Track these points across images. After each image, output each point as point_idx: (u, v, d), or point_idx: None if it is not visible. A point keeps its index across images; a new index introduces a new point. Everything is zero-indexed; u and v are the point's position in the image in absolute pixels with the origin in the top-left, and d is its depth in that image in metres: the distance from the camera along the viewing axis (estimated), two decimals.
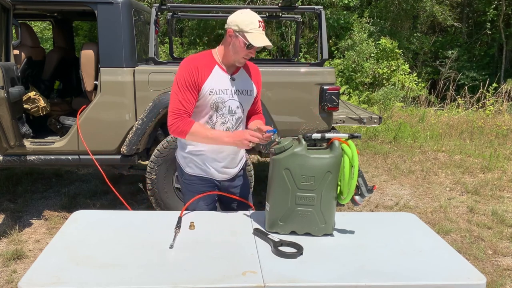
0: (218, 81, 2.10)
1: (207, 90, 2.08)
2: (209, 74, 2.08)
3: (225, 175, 2.28)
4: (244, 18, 2.02)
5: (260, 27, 2.02)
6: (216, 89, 2.09)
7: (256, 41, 2.00)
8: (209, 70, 2.09)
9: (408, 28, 13.43)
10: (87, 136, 3.69)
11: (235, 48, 2.05)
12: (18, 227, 3.79)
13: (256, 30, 2.01)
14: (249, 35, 2.00)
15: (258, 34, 2.01)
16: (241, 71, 2.20)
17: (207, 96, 2.08)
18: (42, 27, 12.91)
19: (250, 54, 2.08)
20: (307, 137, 1.85)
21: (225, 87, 2.12)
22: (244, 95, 2.18)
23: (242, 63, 2.13)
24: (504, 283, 3.11)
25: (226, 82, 2.13)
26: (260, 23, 2.03)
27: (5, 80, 3.33)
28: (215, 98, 2.09)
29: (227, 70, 2.15)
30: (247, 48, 2.03)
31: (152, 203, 3.83)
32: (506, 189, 5.11)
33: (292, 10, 4.09)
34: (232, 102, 2.14)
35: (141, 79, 3.66)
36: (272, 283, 1.45)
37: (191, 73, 2.04)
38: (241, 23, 2.01)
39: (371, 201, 4.65)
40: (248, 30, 2.00)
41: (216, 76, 2.10)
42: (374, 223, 2.06)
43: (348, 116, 4.08)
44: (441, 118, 8.88)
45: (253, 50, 2.06)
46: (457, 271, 1.58)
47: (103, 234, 1.81)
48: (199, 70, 2.06)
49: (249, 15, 2.05)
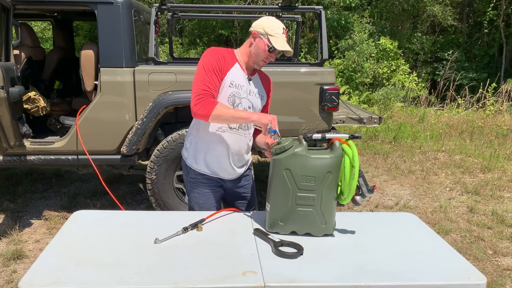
0: (237, 76, 2.16)
1: (228, 81, 2.13)
2: (231, 66, 2.15)
3: (231, 174, 2.29)
4: (271, 23, 2.11)
5: (283, 33, 2.11)
6: (236, 83, 2.15)
7: (278, 45, 2.08)
8: (231, 64, 2.16)
9: (408, 28, 13.43)
10: (87, 136, 3.69)
11: (257, 49, 2.12)
12: (18, 227, 3.79)
13: (280, 36, 2.10)
14: (273, 39, 2.08)
15: (281, 40, 2.10)
16: (256, 76, 2.27)
17: (227, 87, 2.13)
18: (42, 27, 12.91)
19: (270, 58, 2.14)
20: (307, 137, 1.85)
21: (243, 84, 2.18)
22: (257, 98, 2.24)
23: (260, 66, 2.19)
24: (504, 283, 3.11)
25: (244, 80, 2.19)
26: (285, 30, 2.13)
27: (5, 80, 3.33)
28: (234, 91, 2.14)
29: (246, 70, 2.21)
30: (269, 51, 2.10)
31: (152, 203, 3.83)
32: (506, 189, 5.11)
33: (292, 10, 4.09)
34: (246, 100, 2.19)
35: (141, 79, 3.66)
36: (272, 283, 1.45)
37: (218, 59, 2.10)
38: (267, 27, 2.10)
39: (371, 201, 4.65)
40: (273, 34, 2.09)
41: (236, 71, 2.16)
42: (374, 223, 2.06)
43: (348, 116, 4.08)
44: (441, 118, 8.88)
45: (273, 55, 2.13)
46: (457, 271, 1.58)
47: (103, 234, 1.81)
48: (224, 59, 2.12)
49: (275, 21, 2.14)
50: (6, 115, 3.39)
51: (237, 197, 2.39)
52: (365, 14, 12.00)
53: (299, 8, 4.11)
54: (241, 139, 2.23)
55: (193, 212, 2.15)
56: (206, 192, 2.26)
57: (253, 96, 2.21)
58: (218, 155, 2.22)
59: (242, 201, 2.40)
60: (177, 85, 3.61)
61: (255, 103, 2.22)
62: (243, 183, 2.38)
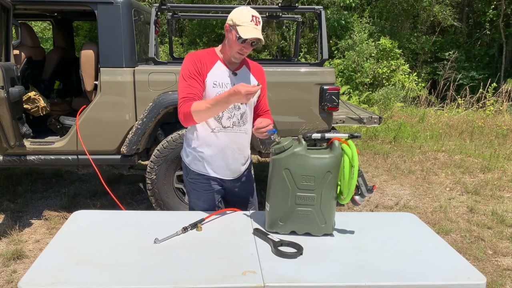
0: (220, 75, 2.13)
1: (210, 82, 2.10)
2: (211, 67, 2.12)
3: (231, 173, 2.28)
4: (239, 13, 2.05)
5: (252, 21, 2.03)
6: (219, 82, 2.12)
7: (245, 34, 2.00)
8: (211, 64, 2.13)
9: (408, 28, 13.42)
10: (87, 136, 3.69)
11: (229, 42, 2.08)
12: (18, 227, 3.79)
13: (248, 24, 2.02)
14: (240, 28, 2.01)
15: (250, 28, 2.02)
16: (243, 68, 2.22)
17: (211, 89, 2.11)
18: (42, 27, 12.91)
19: (244, 49, 2.07)
20: (307, 137, 1.85)
21: (227, 81, 2.14)
22: None
23: (237, 58, 2.13)
24: (504, 283, 3.11)
25: (229, 77, 2.15)
26: (254, 17, 2.04)
27: (5, 80, 3.33)
28: (219, 91, 2.10)
29: (229, 66, 2.17)
30: (239, 41, 2.03)
31: (152, 203, 3.83)
32: (506, 189, 5.11)
33: (292, 10, 4.10)
34: None
35: (141, 79, 3.66)
36: (272, 283, 1.45)
37: (194, 64, 2.09)
38: (235, 17, 2.04)
39: (371, 201, 4.65)
40: (240, 24, 2.02)
41: (218, 70, 2.14)
42: (374, 223, 2.06)
43: (348, 116, 4.08)
44: (441, 118, 8.88)
45: (246, 45, 2.06)
46: (457, 271, 1.58)
47: (103, 234, 1.81)
48: (202, 62, 2.10)
49: (243, 10, 2.07)
50: (6, 115, 3.39)
51: (237, 196, 2.38)
52: (365, 14, 12.00)
53: (299, 8, 4.11)
54: (238, 137, 2.21)
55: (193, 212, 2.15)
56: (206, 193, 2.25)
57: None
58: (216, 155, 2.21)
59: (243, 201, 2.39)
60: (177, 85, 3.61)
61: None
62: (243, 182, 2.37)
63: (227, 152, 2.21)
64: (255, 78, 2.25)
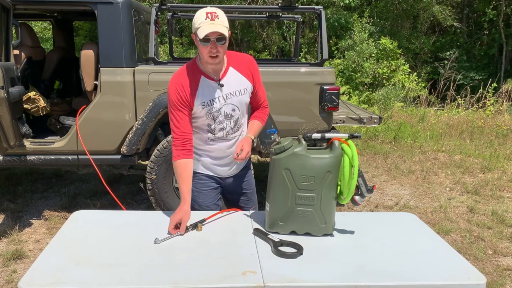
0: (207, 93, 2.08)
1: (198, 104, 2.08)
2: (196, 88, 2.07)
3: (228, 171, 2.30)
4: (195, 17, 1.96)
5: (207, 18, 1.91)
6: (206, 101, 2.09)
7: (201, 33, 1.90)
8: (195, 84, 2.07)
9: (408, 28, 13.42)
10: (87, 136, 3.69)
11: (199, 49, 2.01)
12: (18, 227, 3.79)
13: (204, 23, 1.91)
14: (198, 31, 1.93)
15: (206, 26, 1.91)
16: (230, 71, 2.12)
17: (200, 110, 2.09)
18: (42, 27, 12.91)
19: (212, 50, 1.95)
20: (307, 137, 1.85)
21: (215, 95, 2.09)
22: (238, 96, 2.14)
23: (211, 63, 2.02)
24: (504, 283, 3.11)
25: (215, 91, 2.09)
26: (209, 14, 1.92)
27: (5, 80, 3.33)
28: (208, 109, 2.09)
29: (213, 76, 2.09)
30: (202, 43, 1.94)
31: (152, 203, 3.83)
32: (506, 189, 5.11)
33: (292, 10, 4.09)
34: (226, 107, 2.12)
35: (141, 79, 3.66)
36: (272, 283, 1.45)
37: (177, 92, 2.04)
38: (193, 23, 1.97)
39: (371, 201, 4.65)
40: (197, 26, 1.94)
41: (204, 87, 2.08)
42: (374, 223, 2.06)
43: (348, 116, 4.08)
44: (441, 118, 8.88)
45: (212, 45, 1.93)
46: (457, 271, 1.58)
47: (103, 234, 1.81)
48: (184, 88, 2.04)
49: (199, 12, 1.96)
50: (6, 115, 3.39)
51: (237, 194, 2.39)
52: (365, 14, 12.00)
53: (299, 8, 4.11)
54: (233, 142, 2.23)
55: (193, 212, 2.15)
56: (204, 190, 2.26)
57: (231, 98, 2.12)
58: (214, 159, 2.24)
59: (243, 199, 2.40)
60: None
61: (237, 103, 2.15)
62: (243, 180, 2.38)
63: (223, 157, 2.24)
64: (244, 76, 2.16)
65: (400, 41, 11.80)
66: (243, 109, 2.21)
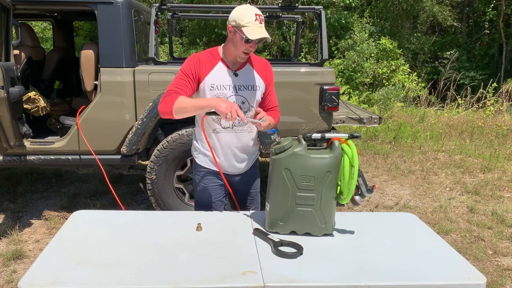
0: (219, 77, 2.13)
1: (208, 85, 2.11)
2: (211, 69, 2.12)
3: (235, 169, 2.30)
4: (241, 13, 2.03)
5: (257, 20, 2.01)
6: (216, 85, 2.12)
7: (252, 34, 2.00)
8: (211, 66, 2.13)
9: (408, 28, 13.42)
10: (87, 136, 3.69)
11: (234, 43, 2.07)
12: (18, 227, 3.79)
13: (253, 24, 2.00)
14: (246, 29, 2.00)
15: (255, 27, 2.01)
16: (247, 66, 2.21)
17: (207, 91, 2.11)
18: (42, 27, 12.91)
19: (250, 49, 2.08)
20: (307, 137, 1.85)
21: (227, 82, 2.14)
22: (249, 91, 2.19)
23: (243, 58, 2.13)
24: (504, 283, 3.11)
25: (228, 78, 2.15)
26: (258, 16, 2.02)
27: (5, 80, 3.33)
28: (216, 93, 2.12)
29: (231, 66, 2.17)
30: (245, 42, 2.03)
31: (152, 203, 3.83)
32: (506, 189, 5.11)
33: (292, 10, 4.09)
34: (236, 97, 2.16)
35: (141, 79, 3.66)
36: (272, 283, 1.45)
37: (192, 64, 2.10)
38: (238, 18, 2.03)
39: (371, 201, 4.65)
40: (245, 24, 2.00)
41: (218, 72, 2.13)
42: (374, 223, 2.06)
43: (348, 116, 4.08)
44: (441, 118, 8.88)
45: (252, 44, 2.05)
46: (457, 271, 1.58)
47: (103, 234, 1.81)
48: (201, 64, 2.11)
49: (246, 9, 2.05)
50: (6, 115, 3.39)
51: (243, 193, 2.40)
52: (365, 14, 12.00)
53: (299, 8, 4.11)
54: (240, 136, 2.22)
55: (193, 212, 2.16)
56: (210, 186, 2.28)
57: (243, 91, 2.17)
58: (220, 154, 2.24)
59: (247, 197, 2.41)
60: None
61: (248, 96, 2.19)
62: (248, 177, 2.39)
63: (229, 151, 2.24)
64: (259, 75, 2.24)
65: (400, 41, 11.80)
66: (253, 105, 2.23)
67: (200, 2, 11.73)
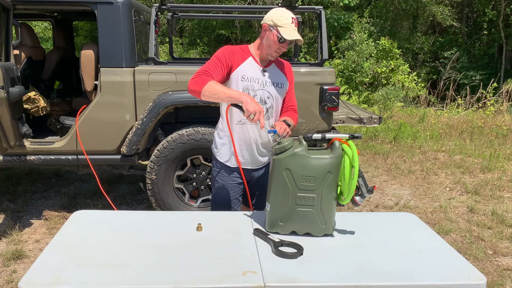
0: (250, 70, 2.24)
1: (239, 75, 2.21)
2: (242, 61, 2.23)
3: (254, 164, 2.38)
4: (279, 14, 2.16)
5: (293, 23, 2.16)
6: (248, 76, 2.22)
7: (287, 35, 2.13)
8: (243, 59, 2.24)
9: (408, 28, 13.42)
10: (87, 136, 3.69)
11: (268, 41, 2.19)
12: (18, 227, 3.79)
13: (289, 26, 2.14)
14: (282, 29, 2.13)
15: (291, 29, 2.15)
16: (272, 66, 2.33)
17: (239, 81, 2.21)
18: (42, 27, 12.91)
19: (282, 48, 2.20)
20: (307, 137, 1.85)
21: (257, 76, 2.25)
22: (276, 87, 2.30)
23: (274, 56, 2.25)
24: (504, 283, 3.11)
25: (258, 73, 2.26)
26: (294, 19, 2.17)
27: (5, 80, 3.33)
28: (246, 84, 2.22)
29: (260, 63, 2.28)
30: (279, 41, 2.15)
31: (152, 203, 3.83)
32: (506, 189, 5.11)
33: (292, 10, 4.08)
34: (263, 92, 2.26)
35: (141, 79, 3.66)
36: (272, 283, 1.45)
37: (227, 53, 2.20)
38: (276, 18, 2.15)
39: (371, 201, 4.65)
40: (282, 25, 2.14)
41: (248, 65, 2.24)
42: (374, 223, 2.06)
43: (348, 116, 4.08)
44: (441, 118, 8.88)
45: (285, 45, 2.18)
46: (457, 271, 1.58)
47: (103, 234, 1.81)
48: (234, 54, 2.22)
49: (284, 12, 2.19)
50: (6, 115, 3.39)
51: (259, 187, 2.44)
52: (364, 14, 12.00)
53: (299, 8, 4.11)
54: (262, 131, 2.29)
55: (193, 212, 2.16)
56: (229, 184, 2.36)
57: (269, 87, 2.28)
58: (242, 147, 2.31)
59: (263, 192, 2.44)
60: (177, 85, 3.62)
61: (273, 93, 2.29)
62: (265, 172, 2.44)
63: (251, 145, 2.32)
64: (283, 74, 2.35)
65: (400, 41, 11.81)
66: (277, 102, 2.33)
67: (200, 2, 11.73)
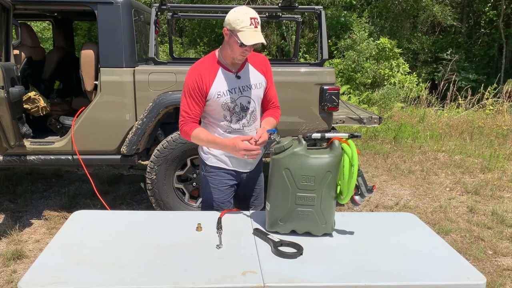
0: (224, 83, 2.15)
1: (215, 94, 2.14)
2: (213, 79, 2.14)
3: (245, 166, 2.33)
4: (236, 17, 2.02)
5: (252, 24, 2.00)
6: (223, 91, 2.15)
7: (247, 40, 1.99)
8: (213, 75, 2.14)
9: (408, 28, 13.42)
10: (87, 136, 3.70)
11: (231, 46, 2.09)
12: (18, 227, 3.79)
13: (247, 28, 2.00)
14: (241, 34, 2.00)
15: (250, 32, 2.00)
16: (246, 66, 2.23)
17: (216, 99, 2.15)
18: (42, 27, 12.91)
19: (246, 52, 2.09)
20: (307, 137, 1.85)
21: (232, 86, 2.17)
22: (254, 89, 2.23)
23: (240, 60, 2.14)
24: (504, 283, 3.11)
25: (232, 82, 2.18)
26: (253, 20, 2.01)
27: (5, 80, 3.33)
28: (224, 99, 2.15)
29: (231, 68, 2.18)
30: (241, 46, 2.03)
31: (152, 203, 3.83)
32: (506, 189, 5.11)
33: (292, 10, 4.09)
34: (242, 98, 2.20)
35: (141, 79, 3.66)
36: (272, 283, 1.45)
37: (195, 81, 2.12)
38: (233, 22, 2.02)
39: (371, 201, 4.65)
40: (240, 29, 2.00)
41: (220, 79, 2.15)
42: (374, 223, 2.06)
43: (348, 116, 4.08)
44: (441, 118, 8.88)
45: (248, 48, 2.06)
46: (457, 271, 1.58)
47: (103, 234, 1.81)
48: (203, 78, 2.12)
49: (240, 13, 2.02)
50: (6, 115, 3.39)
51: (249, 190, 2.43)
52: (364, 14, 11.99)
53: (299, 8, 4.11)
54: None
55: (193, 212, 2.16)
56: (221, 187, 2.31)
57: (248, 91, 2.21)
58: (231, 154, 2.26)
59: (252, 194, 2.45)
60: (177, 85, 3.61)
61: (253, 95, 2.23)
62: (256, 176, 2.42)
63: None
64: (259, 72, 2.26)
65: (400, 41, 11.80)
66: (258, 103, 2.28)
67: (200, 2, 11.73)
